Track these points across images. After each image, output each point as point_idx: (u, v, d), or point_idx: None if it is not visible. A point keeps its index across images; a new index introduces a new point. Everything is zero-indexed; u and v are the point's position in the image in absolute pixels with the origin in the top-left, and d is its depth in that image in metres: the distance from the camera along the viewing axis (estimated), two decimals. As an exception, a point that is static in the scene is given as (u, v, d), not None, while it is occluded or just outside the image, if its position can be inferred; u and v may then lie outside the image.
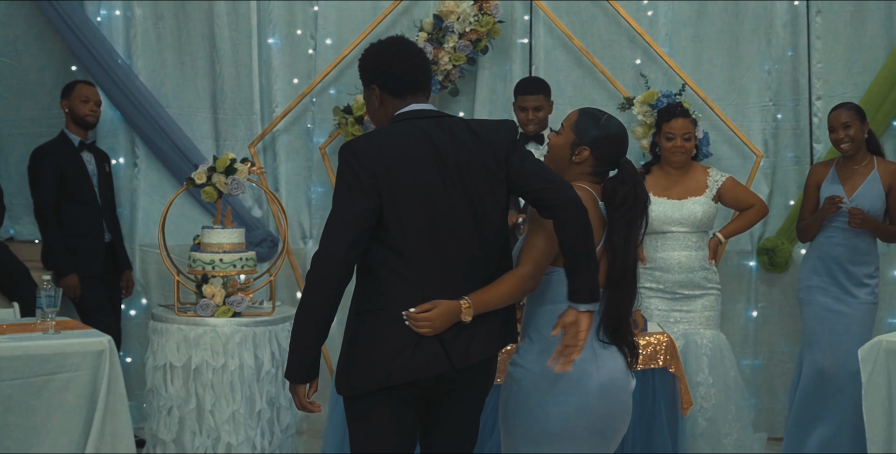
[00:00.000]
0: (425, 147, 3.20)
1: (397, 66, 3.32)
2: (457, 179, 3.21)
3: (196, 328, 4.99)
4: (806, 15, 6.11)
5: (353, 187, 3.14)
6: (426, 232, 3.19)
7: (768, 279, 6.21)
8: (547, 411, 3.25)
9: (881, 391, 4.39)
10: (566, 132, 3.39)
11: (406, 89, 3.33)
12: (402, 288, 3.20)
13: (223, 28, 6.26)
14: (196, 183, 5.19)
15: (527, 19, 6.22)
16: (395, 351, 3.18)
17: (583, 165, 3.37)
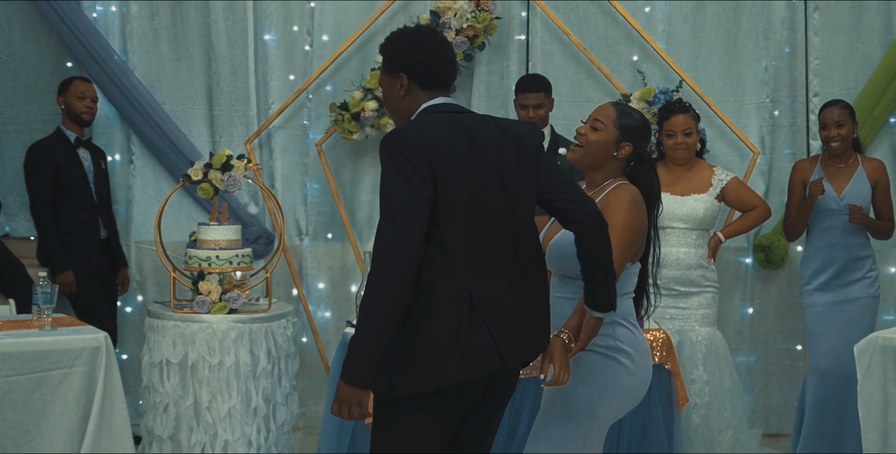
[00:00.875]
0: (465, 141, 3.09)
1: (434, 57, 3.20)
2: (496, 175, 3.11)
3: (192, 325, 4.97)
4: (804, 12, 6.11)
5: (411, 176, 2.97)
6: (470, 226, 3.06)
7: (764, 276, 6.21)
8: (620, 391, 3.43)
9: (877, 387, 4.38)
10: (608, 128, 3.49)
11: (437, 82, 3.21)
12: (446, 283, 3.03)
13: (219, 24, 6.25)
14: (192, 179, 5.18)
15: (524, 16, 6.21)
16: (444, 350, 3.01)
17: (622, 160, 3.52)
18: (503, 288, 3.10)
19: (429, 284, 3.02)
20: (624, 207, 3.42)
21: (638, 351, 3.45)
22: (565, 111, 6.21)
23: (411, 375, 3.03)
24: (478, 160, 3.09)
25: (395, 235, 2.94)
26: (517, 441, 4.48)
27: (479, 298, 3.05)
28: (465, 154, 3.07)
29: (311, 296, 6.35)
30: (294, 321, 5.29)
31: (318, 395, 6.09)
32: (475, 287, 3.05)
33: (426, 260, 3.00)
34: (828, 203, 5.31)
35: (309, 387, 6.26)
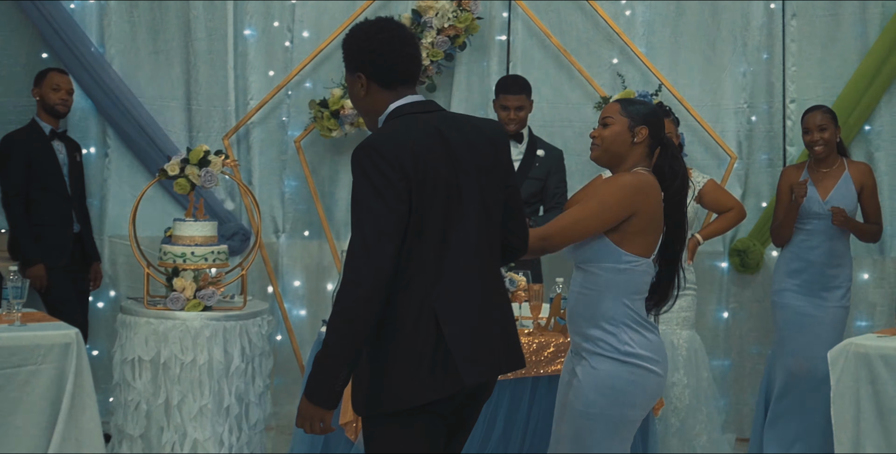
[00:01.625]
0: (441, 147, 2.96)
1: (389, 56, 3.04)
2: (473, 182, 3.01)
3: (165, 322, 4.92)
4: (781, 19, 6.13)
5: (386, 192, 2.85)
6: (441, 239, 2.95)
7: (740, 280, 6.23)
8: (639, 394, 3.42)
9: (849, 394, 4.41)
10: (616, 119, 3.50)
11: (398, 81, 3.06)
12: (411, 299, 2.94)
13: (199, 18, 6.21)
14: (169, 174, 5.13)
15: (505, 16, 6.21)
16: (411, 368, 2.93)
17: (642, 145, 3.49)
18: (469, 303, 3.00)
19: (395, 299, 2.93)
20: (615, 183, 3.41)
21: (652, 351, 3.43)
22: (545, 112, 6.21)
23: (382, 392, 2.96)
24: (454, 168, 2.98)
25: (367, 253, 2.85)
26: (492, 442, 4.47)
27: (444, 314, 2.95)
28: (441, 162, 2.95)
29: (286, 294, 6.32)
30: (269, 319, 5.26)
31: (292, 394, 6.06)
32: (440, 303, 2.94)
33: (401, 272, 2.92)
34: (812, 206, 5.34)
35: (282, 386, 6.23)
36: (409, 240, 2.91)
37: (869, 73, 5.94)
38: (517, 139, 5.59)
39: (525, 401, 4.51)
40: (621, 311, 3.41)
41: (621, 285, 3.41)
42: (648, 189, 3.41)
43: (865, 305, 6.09)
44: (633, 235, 3.39)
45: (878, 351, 4.38)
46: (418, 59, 3.11)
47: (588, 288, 3.45)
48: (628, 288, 3.42)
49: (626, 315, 3.42)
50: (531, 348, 4.47)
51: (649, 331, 3.46)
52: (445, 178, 2.95)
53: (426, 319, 2.94)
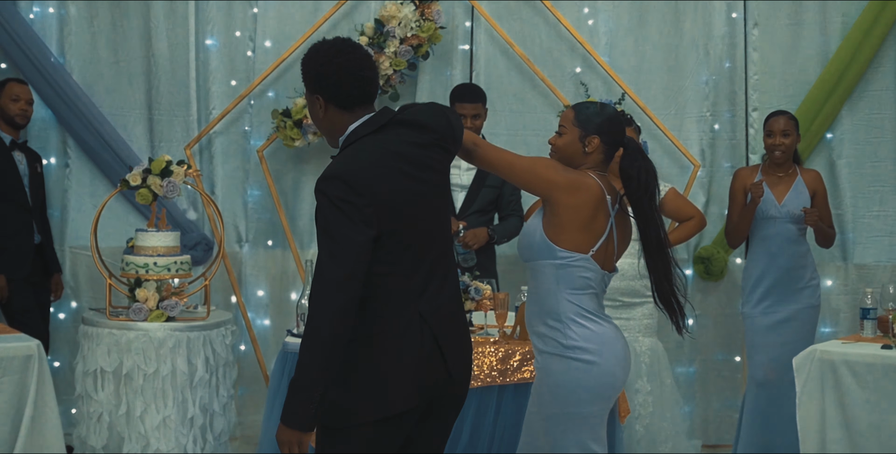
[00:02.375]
0: (400, 166, 3.09)
1: (347, 79, 3.11)
2: (430, 192, 3.16)
3: (128, 333, 4.90)
4: (743, 27, 6.17)
5: (354, 216, 2.96)
6: (412, 251, 3.11)
7: (704, 287, 6.25)
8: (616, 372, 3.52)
9: (815, 400, 4.44)
10: (569, 129, 3.58)
11: (356, 103, 3.14)
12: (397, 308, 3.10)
13: (160, 28, 6.17)
14: (131, 185, 5.10)
15: (468, 26, 6.21)
16: (404, 371, 3.08)
17: (595, 154, 3.56)
18: (443, 306, 3.18)
19: (380, 311, 3.07)
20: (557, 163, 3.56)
21: (597, 343, 3.49)
22: (508, 121, 6.23)
23: (370, 399, 3.07)
24: (414, 183, 3.11)
25: (336, 276, 2.95)
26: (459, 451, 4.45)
27: (429, 317, 3.12)
28: (401, 180, 3.08)
29: (250, 304, 6.28)
30: (233, 329, 5.23)
31: (257, 404, 6.02)
32: (423, 307, 3.12)
33: (375, 287, 3.04)
34: (768, 210, 5.38)
35: (247, 396, 6.19)
36: (387, 257, 3.05)
37: (830, 82, 5.99)
38: (473, 148, 5.58)
39: (491, 410, 4.50)
40: (565, 306, 3.50)
41: (561, 281, 3.50)
42: (580, 183, 3.48)
43: (829, 311, 6.14)
44: (560, 229, 3.48)
45: (843, 357, 4.42)
46: (375, 81, 3.19)
47: (535, 286, 3.57)
48: (568, 283, 3.50)
49: (569, 309, 3.51)
50: (497, 356, 4.47)
51: (596, 322, 3.53)
52: (408, 196, 3.09)
53: (415, 327, 3.09)
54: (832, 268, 6.15)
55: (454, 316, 3.25)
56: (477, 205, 5.52)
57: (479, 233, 5.43)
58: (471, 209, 5.53)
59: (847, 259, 6.16)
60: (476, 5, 6.14)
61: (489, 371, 4.46)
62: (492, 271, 5.55)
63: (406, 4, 5.91)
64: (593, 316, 3.53)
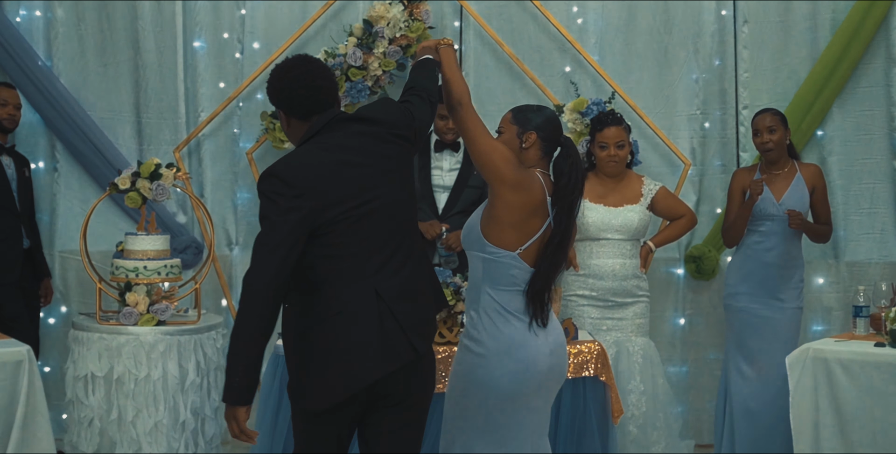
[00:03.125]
0: (338, 158, 3.38)
1: (299, 92, 3.44)
2: (376, 178, 3.41)
3: (118, 337, 4.88)
4: (733, 24, 6.16)
5: (283, 205, 3.28)
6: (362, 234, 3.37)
7: (695, 287, 6.24)
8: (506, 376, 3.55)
9: (808, 398, 4.45)
10: (507, 127, 3.73)
11: (311, 113, 3.47)
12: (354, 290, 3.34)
13: (147, 30, 6.15)
14: (120, 188, 5.08)
15: (457, 25, 6.19)
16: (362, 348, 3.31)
17: (533, 149, 3.67)
18: (403, 284, 3.40)
19: (336, 292, 3.33)
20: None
21: (496, 340, 3.56)
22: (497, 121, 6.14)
23: (332, 382, 3.32)
24: (360, 170, 3.39)
25: (264, 258, 3.25)
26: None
27: (385, 294, 3.35)
28: (342, 170, 3.36)
29: (240, 308, 6.25)
30: (224, 333, 5.21)
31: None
32: (382, 288, 3.35)
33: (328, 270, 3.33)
34: (767, 208, 5.37)
35: (238, 400, 6.15)
36: (335, 240, 3.33)
37: (820, 79, 5.98)
38: (454, 148, 5.58)
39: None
40: (484, 300, 3.60)
41: (487, 275, 3.59)
42: (527, 184, 3.58)
43: (821, 309, 6.13)
44: (494, 223, 3.56)
45: (836, 355, 4.42)
46: (329, 89, 3.49)
47: (470, 275, 3.71)
48: (493, 278, 3.59)
49: (487, 304, 3.59)
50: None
51: (508, 321, 3.58)
52: (348, 185, 3.35)
53: (372, 305, 3.32)
54: (823, 266, 6.15)
55: (417, 294, 3.45)
56: (460, 206, 5.50)
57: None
58: (454, 210, 5.51)
59: (838, 257, 6.15)
60: (465, 5, 6.13)
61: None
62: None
63: (395, 5, 5.89)
64: (508, 314, 3.58)
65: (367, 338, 3.30)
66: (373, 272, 3.35)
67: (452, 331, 4.51)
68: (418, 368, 3.47)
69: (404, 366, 3.39)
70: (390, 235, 3.41)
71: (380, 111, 3.52)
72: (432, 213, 5.49)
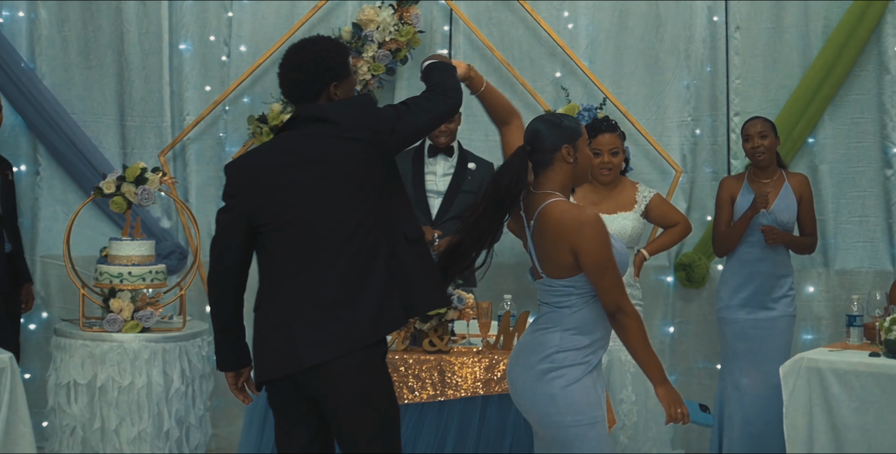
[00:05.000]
0: (277, 160, 3.45)
1: (280, 78, 3.56)
2: (312, 183, 3.40)
3: (102, 344, 4.83)
4: (725, 31, 6.13)
5: (226, 201, 3.53)
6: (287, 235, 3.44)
7: (685, 295, 6.20)
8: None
9: (802, 408, 4.43)
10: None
11: (291, 101, 3.56)
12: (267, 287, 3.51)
13: (132, 32, 6.07)
14: (104, 192, 5.03)
15: (446, 29, 6.14)
16: (261, 347, 3.50)
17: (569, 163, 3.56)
18: (319, 291, 3.39)
19: (264, 286, 3.52)
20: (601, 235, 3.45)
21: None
22: (487, 126, 6.13)
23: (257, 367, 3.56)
24: (296, 174, 3.41)
25: (211, 248, 3.57)
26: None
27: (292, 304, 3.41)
28: (279, 172, 3.43)
29: (225, 314, 6.17)
30: (209, 340, 5.14)
31: (232, 416, 5.92)
32: (289, 293, 3.42)
33: (262, 264, 3.53)
34: (756, 217, 5.34)
35: (222, 408, 6.07)
36: (266, 237, 3.46)
37: (812, 86, 5.96)
38: (447, 153, 5.53)
39: (475, 421, 4.42)
40: None
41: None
42: None
43: (811, 318, 6.10)
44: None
45: (830, 365, 4.40)
46: (303, 82, 3.49)
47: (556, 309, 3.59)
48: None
49: None
50: (481, 366, 4.39)
51: None
52: (285, 185, 3.41)
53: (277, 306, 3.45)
54: (813, 275, 6.12)
55: (333, 304, 3.38)
56: (454, 211, 5.45)
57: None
58: (447, 215, 5.45)
59: (829, 265, 6.12)
60: (454, 8, 6.07)
61: (472, 381, 4.38)
62: (470, 279, 5.48)
63: (384, 8, 5.84)
64: None
65: (266, 341, 3.46)
66: (289, 276, 3.42)
67: (443, 339, 4.44)
68: (324, 379, 3.40)
69: (308, 374, 3.39)
70: (314, 242, 3.40)
71: (341, 111, 3.46)
72: (426, 218, 5.44)
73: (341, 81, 3.54)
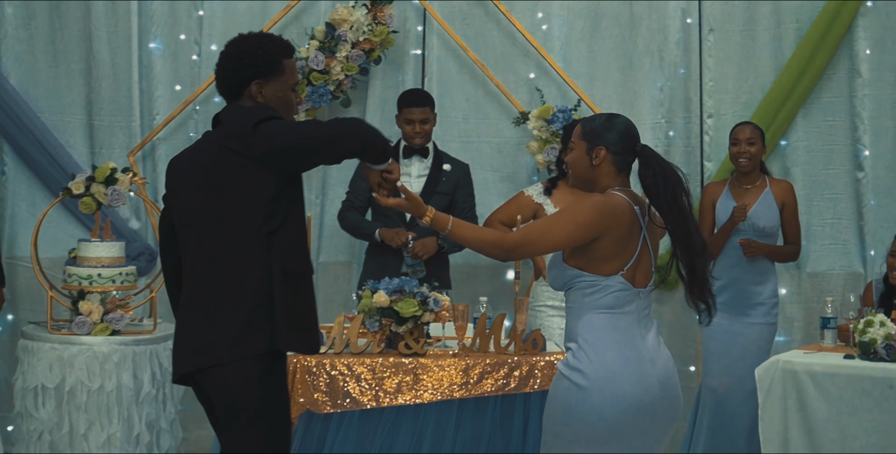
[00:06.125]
0: (181, 163, 3.50)
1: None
2: (196, 192, 3.39)
3: (71, 347, 4.77)
4: (698, 33, 6.12)
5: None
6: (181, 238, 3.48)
7: (658, 297, 6.19)
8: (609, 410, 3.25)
9: (777, 411, 4.44)
10: (577, 144, 3.42)
11: (223, 97, 3.52)
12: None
13: (101, 30, 6.00)
14: (73, 193, 4.96)
15: (420, 30, 6.11)
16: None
17: (604, 164, 3.37)
18: (189, 293, 3.43)
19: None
20: (588, 202, 3.30)
21: (597, 370, 3.27)
22: (461, 128, 6.13)
23: None
24: (182, 178, 3.46)
25: None
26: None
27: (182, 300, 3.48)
28: (174, 175, 3.51)
29: (195, 316, 6.11)
30: (180, 343, 5.07)
31: (203, 420, 5.76)
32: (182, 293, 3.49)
33: None
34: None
35: (191, 411, 5.97)
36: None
37: (785, 89, 5.97)
38: (422, 154, 5.49)
39: (451, 425, 4.39)
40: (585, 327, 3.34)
41: (588, 303, 3.34)
42: (618, 212, 3.31)
43: (783, 320, 6.10)
44: (597, 260, 3.31)
45: (806, 368, 4.42)
46: (223, 78, 3.45)
47: (568, 305, 3.43)
48: (596, 303, 3.33)
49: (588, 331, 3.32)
50: (457, 369, 4.36)
51: (624, 348, 3.31)
52: (180, 192, 3.47)
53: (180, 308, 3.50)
54: (785, 277, 6.12)
55: (194, 307, 3.40)
56: (428, 213, 5.40)
57: (429, 244, 5.32)
58: (422, 218, 5.41)
59: (801, 267, 6.13)
60: (428, 8, 6.04)
61: (449, 384, 4.35)
62: (445, 281, 5.45)
63: (358, 8, 5.79)
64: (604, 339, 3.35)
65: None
66: (184, 279, 3.48)
67: (419, 342, 4.40)
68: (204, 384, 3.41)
69: (195, 376, 3.42)
70: (196, 251, 3.40)
71: (232, 117, 3.41)
72: (399, 220, 5.39)
73: (267, 80, 3.42)
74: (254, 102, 3.42)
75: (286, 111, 3.49)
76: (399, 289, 4.38)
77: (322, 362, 4.33)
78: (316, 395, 4.30)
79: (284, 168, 3.33)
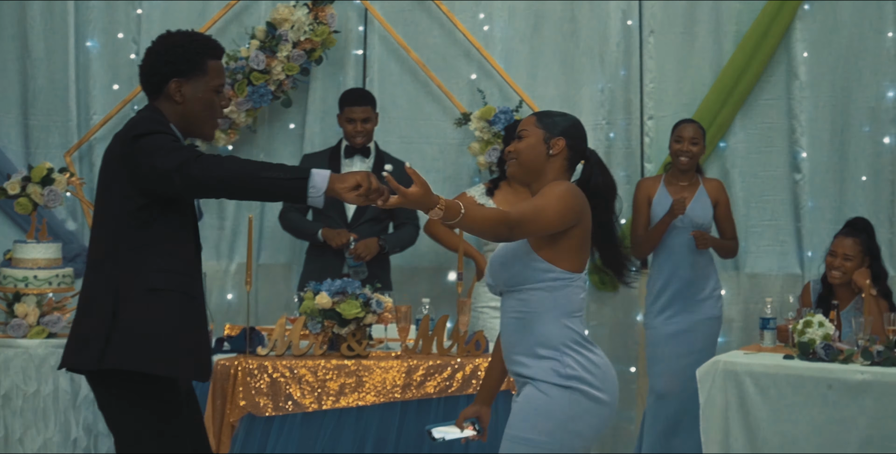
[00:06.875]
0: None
1: None
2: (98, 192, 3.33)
3: (6, 350, 4.73)
4: (639, 35, 6.16)
5: None
6: None
7: (599, 298, 6.21)
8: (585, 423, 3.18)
9: (718, 411, 4.47)
10: (532, 131, 3.31)
11: (146, 94, 3.39)
12: None
13: (36, 28, 5.93)
14: (9, 193, 4.89)
15: (361, 30, 6.08)
16: None
17: (559, 158, 3.28)
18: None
19: None
20: (562, 187, 3.21)
21: (594, 374, 3.20)
22: (401, 128, 6.11)
23: None
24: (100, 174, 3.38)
25: None
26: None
27: None
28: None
29: (133, 318, 6.03)
30: (118, 345, 5.01)
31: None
32: None
33: None
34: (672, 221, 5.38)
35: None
36: None
37: (724, 91, 6.02)
38: (364, 153, 5.47)
39: (394, 427, 4.38)
40: (563, 334, 3.20)
41: (559, 305, 3.21)
42: (586, 201, 3.24)
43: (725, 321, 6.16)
44: (568, 252, 3.20)
45: (747, 368, 4.45)
46: (142, 74, 3.37)
47: (522, 311, 3.25)
48: (566, 307, 3.22)
49: (566, 337, 3.20)
50: (399, 371, 4.34)
51: (591, 351, 3.24)
52: None
53: None
54: (724, 278, 6.15)
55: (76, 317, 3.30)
56: (370, 213, 5.39)
57: (370, 245, 5.30)
58: (363, 217, 5.40)
59: (739, 268, 6.19)
60: (370, 8, 6.01)
61: (391, 387, 4.33)
62: (387, 283, 5.43)
63: (299, 7, 5.75)
64: (584, 339, 3.25)
65: None
66: None
67: (361, 344, 4.38)
68: None
69: None
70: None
71: (132, 119, 3.32)
72: (341, 221, 5.36)
73: (187, 79, 3.30)
74: (172, 102, 3.29)
75: (207, 113, 3.35)
76: (341, 290, 4.36)
77: (263, 365, 4.29)
78: (257, 398, 4.27)
79: (148, 190, 3.18)
